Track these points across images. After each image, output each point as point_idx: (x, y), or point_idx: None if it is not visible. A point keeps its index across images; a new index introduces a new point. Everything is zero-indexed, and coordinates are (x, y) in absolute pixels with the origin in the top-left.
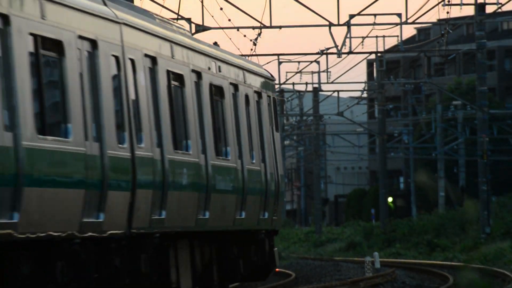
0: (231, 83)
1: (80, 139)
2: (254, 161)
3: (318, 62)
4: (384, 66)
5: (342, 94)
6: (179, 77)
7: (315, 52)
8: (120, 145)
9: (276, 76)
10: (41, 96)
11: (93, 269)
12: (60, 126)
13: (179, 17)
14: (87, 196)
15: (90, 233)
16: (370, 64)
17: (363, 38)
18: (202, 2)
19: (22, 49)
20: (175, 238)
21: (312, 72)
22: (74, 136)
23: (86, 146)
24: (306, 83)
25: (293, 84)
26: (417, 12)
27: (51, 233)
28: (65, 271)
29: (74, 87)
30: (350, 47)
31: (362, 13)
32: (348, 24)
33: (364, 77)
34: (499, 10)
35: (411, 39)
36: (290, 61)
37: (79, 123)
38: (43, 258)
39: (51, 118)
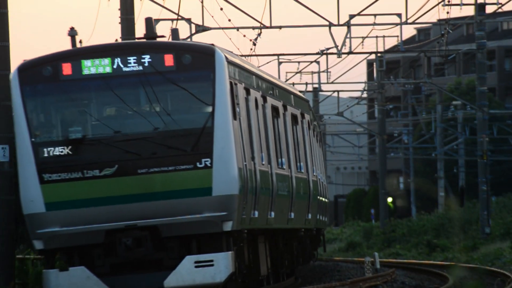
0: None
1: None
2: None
3: (318, 62)
4: (384, 66)
5: (342, 94)
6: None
7: (315, 52)
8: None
9: (276, 77)
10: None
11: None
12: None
13: (179, 17)
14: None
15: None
16: (370, 64)
17: (363, 38)
18: (202, 2)
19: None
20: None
21: (312, 72)
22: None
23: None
24: (306, 83)
25: (293, 84)
26: (417, 12)
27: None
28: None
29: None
30: (350, 47)
31: (362, 13)
32: (348, 24)
33: (364, 77)
34: (499, 10)
35: (411, 39)
36: (290, 61)
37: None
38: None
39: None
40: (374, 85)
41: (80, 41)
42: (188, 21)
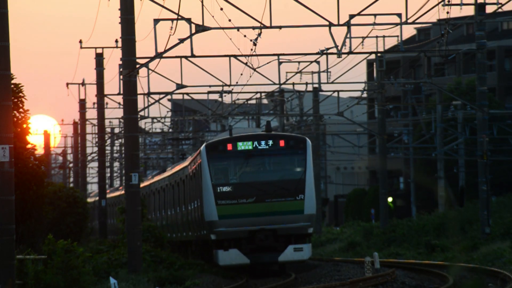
0: None
1: None
2: None
3: (318, 62)
4: (384, 66)
5: (342, 94)
6: None
7: (315, 52)
8: None
9: (276, 77)
10: None
11: None
12: None
13: (179, 17)
14: None
15: None
16: (370, 64)
17: (363, 38)
18: (202, 2)
19: None
20: None
21: (312, 72)
22: None
23: None
24: (306, 83)
25: (293, 84)
26: (417, 12)
27: None
28: None
29: None
30: (350, 47)
31: (362, 13)
32: (348, 24)
33: (364, 77)
34: (499, 10)
35: (411, 39)
36: (290, 61)
37: None
38: None
39: None
40: (374, 85)
41: (80, 41)
42: (188, 21)
